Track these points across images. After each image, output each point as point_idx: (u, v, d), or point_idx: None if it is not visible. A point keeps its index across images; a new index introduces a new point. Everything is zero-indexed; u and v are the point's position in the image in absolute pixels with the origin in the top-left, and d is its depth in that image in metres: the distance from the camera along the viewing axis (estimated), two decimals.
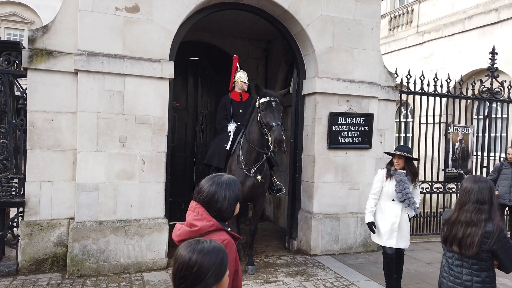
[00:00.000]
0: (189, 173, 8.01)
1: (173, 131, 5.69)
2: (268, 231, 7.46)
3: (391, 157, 4.34)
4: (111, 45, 4.85)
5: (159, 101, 5.07)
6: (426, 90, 7.03)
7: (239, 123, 5.46)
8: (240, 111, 5.50)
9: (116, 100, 4.88)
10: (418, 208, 4.33)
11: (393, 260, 4.23)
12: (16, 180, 4.92)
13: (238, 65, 5.73)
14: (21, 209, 4.92)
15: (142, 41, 4.98)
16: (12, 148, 4.89)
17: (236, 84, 5.69)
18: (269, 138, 4.44)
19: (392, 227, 4.14)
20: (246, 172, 4.82)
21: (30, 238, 4.77)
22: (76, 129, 4.82)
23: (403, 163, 4.17)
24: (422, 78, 6.95)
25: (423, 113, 7.11)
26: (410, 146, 7.25)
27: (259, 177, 4.78)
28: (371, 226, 4.28)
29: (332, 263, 5.45)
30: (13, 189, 4.92)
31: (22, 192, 4.86)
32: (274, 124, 4.37)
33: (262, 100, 4.60)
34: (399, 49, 12.78)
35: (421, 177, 7.17)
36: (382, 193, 4.24)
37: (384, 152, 5.26)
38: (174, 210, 7.47)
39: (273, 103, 4.53)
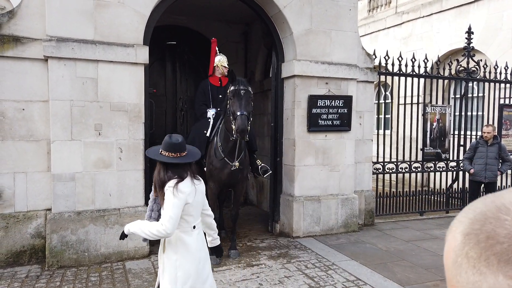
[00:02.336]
0: None
1: (150, 118, 5.58)
2: (251, 215, 7.50)
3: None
4: (82, 30, 4.68)
5: (134, 87, 4.95)
6: (404, 71, 7.08)
7: (218, 109, 5.39)
8: (220, 96, 5.43)
9: (89, 87, 4.74)
10: None
11: None
12: None
13: (217, 49, 5.62)
14: None
15: (114, 25, 4.82)
16: None
17: (217, 68, 5.58)
18: (233, 127, 4.40)
19: None
20: (224, 159, 4.79)
21: (6, 231, 4.66)
22: (49, 118, 4.67)
23: None
24: (400, 59, 6.98)
25: (402, 94, 7.17)
26: (389, 126, 7.33)
27: (236, 164, 4.75)
28: None
29: (314, 245, 5.53)
30: None
31: None
32: (238, 114, 4.32)
33: (231, 88, 4.53)
34: (378, 30, 12.78)
35: (400, 157, 7.32)
36: None
37: None
38: None
39: (241, 91, 4.45)
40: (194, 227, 2.61)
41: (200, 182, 2.68)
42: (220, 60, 5.57)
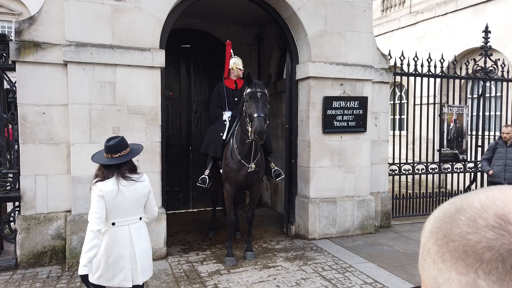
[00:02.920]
0: (185, 162, 8.00)
1: (167, 121, 5.64)
2: (266, 217, 7.50)
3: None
4: (99, 35, 4.76)
5: (151, 90, 5.01)
6: (420, 71, 7.00)
7: (234, 112, 5.41)
8: (236, 99, 5.45)
9: (107, 91, 4.82)
10: None
11: None
12: (10, 175, 4.89)
13: (232, 51, 5.65)
14: (17, 203, 4.90)
15: (131, 30, 4.89)
16: (4, 143, 4.84)
17: (232, 71, 5.61)
18: (250, 129, 4.42)
19: None
20: (240, 161, 4.81)
21: (27, 232, 4.76)
22: (68, 122, 4.77)
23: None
24: (415, 59, 6.91)
25: (417, 94, 7.10)
26: (405, 127, 7.26)
27: (253, 166, 4.77)
28: None
29: (330, 247, 5.51)
30: (8, 184, 4.89)
31: (17, 187, 4.84)
32: (255, 116, 4.35)
33: (248, 90, 4.56)
34: (392, 30, 12.67)
35: (416, 158, 7.23)
36: None
37: None
38: (172, 199, 7.49)
39: (258, 93, 4.46)
40: (113, 223, 2.79)
41: (132, 183, 2.80)
42: (235, 63, 5.60)
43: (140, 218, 2.93)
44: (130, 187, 2.80)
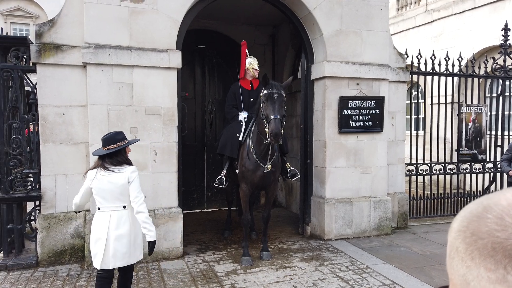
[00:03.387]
0: (200, 162, 8.05)
1: (183, 121, 5.68)
2: (281, 217, 7.49)
3: None
4: (118, 36, 4.83)
5: (167, 91, 5.06)
6: (438, 70, 6.90)
7: (250, 112, 5.42)
8: (252, 99, 5.45)
9: (125, 92, 4.88)
10: None
11: None
12: (31, 175, 4.98)
13: (247, 51, 5.66)
14: (37, 202, 5.00)
15: (149, 31, 4.95)
16: (25, 143, 4.94)
17: (247, 71, 5.61)
18: (267, 130, 4.42)
19: None
20: (256, 161, 4.81)
21: (48, 231, 4.85)
22: (87, 122, 4.85)
23: None
24: (433, 58, 6.82)
25: (435, 93, 7.00)
26: (422, 127, 7.17)
27: (269, 166, 4.76)
28: None
29: (347, 247, 5.47)
30: (29, 183, 4.99)
31: (38, 186, 4.93)
32: (272, 117, 4.34)
33: (264, 91, 4.55)
34: (407, 29, 12.52)
35: (433, 159, 7.13)
36: None
37: None
38: (187, 199, 7.54)
39: (275, 95, 4.45)
40: (98, 208, 3.21)
41: (109, 173, 3.16)
42: (251, 63, 5.60)
43: (124, 207, 3.19)
44: (109, 177, 3.16)
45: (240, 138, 5.13)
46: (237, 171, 5.08)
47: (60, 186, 4.92)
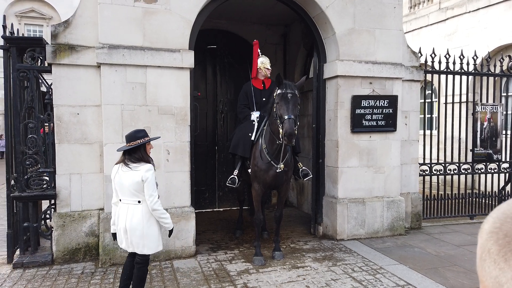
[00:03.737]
0: (211, 161, 8.07)
1: (195, 121, 5.70)
2: (292, 217, 7.48)
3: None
4: (131, 37, 4.86)
5: (180, 91, 5.08)
6: (452, 69, 6.81)
7: (262, 112, 5.41)
8: (264, 99, 5.44)
9: (138, 91, 4.91)
10: None
11: None
12: (47, 174, 5.05)
13: (259, 51, 5.65)
14: (53, 201, 5.07)
15: (162, 31, 4.97)
16: (41, 142, 5.01)
17: (259, 71, 5.60)
18: (280, 131, 4.41)
19: None
20: (269, 161, 4.80)
21: (63, 229, 4.92)
22: (101, 122, 4.90)
23: None
24: (447, 56, 6.73)
25: (449, 92, 6.91)
26: (436, 126, 7.07)
27: (281, 166, 4.75)
28: None
29: (359, 248, 5.43)
30: (44, 182, 5.06)
31: (53, 185, 5.00)
32: (286, 117, 4.32)
33: (278, 91, 4.52)
34: (420, 27, 12.38)
35: (447, 158, 7.04)
36: None
37: None
38: (198, 199, 7.56)
39: (288, 95, 4.42)
40: (120, 200, 3.45)
41: (128, 170, 3.36)
42: (263, 62, 5.59)
43: (139, 202, 3.37)
44: (127, 173, 3.37)
45: (253, 138, 5.13)
46: (249, 170, 5.08)
47: (75, 185, 4.98)
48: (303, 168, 5.31)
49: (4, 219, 5.42)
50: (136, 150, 3.43)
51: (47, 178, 5.06)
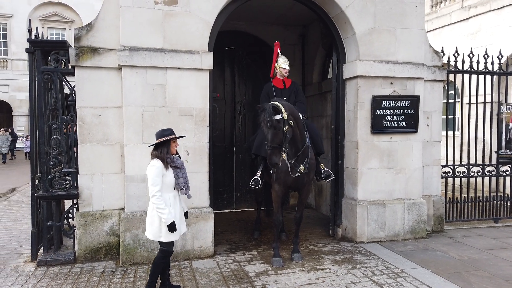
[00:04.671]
0: (229, 162, 8.10)
1: (213, 122, 5.73)
2: (311, 218, 7.42)
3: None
4: (152, 39, 4.92)
5: (199, 92, 5.11)
6: (476, 68, 6.64)
7: None
8: (284, 98, 5.43)
9: (158, 93, 4.97)
10: None
11: None
12: (69, 174, 5.15)
13: (279, 52, 5.65)
14: (75, 200, 5.17)
15: (181, 33, 5.02)
16: (64, 143, 5.12)
17: (276, 70, 5.62)
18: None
19: None
20: (290, 163, 4.78)
21: (85, 228, 5.01)
22: (122, 123, 4.97)
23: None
24: (470, 55, 6.56)
25: (473, 92, 6.73)
26: (459, 127, 6.91)
27: (302, 168, 4.72)
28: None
29: (380, 251, 5.34)
30: (67, 182, 5.16)
31: (75, 185, 5.10)
32: (267, 146, 4.45)
33: (261, 115, 4.55)
34: (442, 26, 12.13)
35: (471, 160, 6.86)
36: None
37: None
38: (216, 199, 7.58)
39: (268, 123, 4.40)
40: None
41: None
42: (278, 62, 5.60)
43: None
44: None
45: None
46: (271, 171, 5.07)
47: (97, 185, 5.06)
48: (325, 169, 5.26)
49: (29, 218, 5.56)
50: (158, 147, 3.75)
51: (70, 178, 5.17)
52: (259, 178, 5.17)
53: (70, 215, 5.40)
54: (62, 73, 5.12)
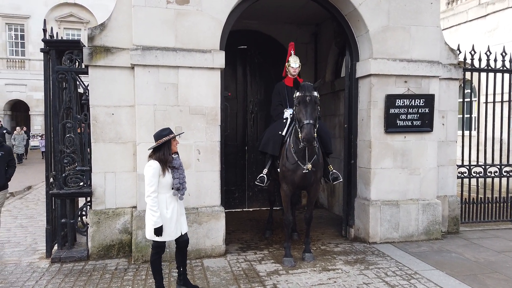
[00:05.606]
0: (241, 161, 8.09)
1: (225, 121, 5.72)
2: (323, 218, 7.36)
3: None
4: (164, 38, 4.94)
5: (211, 91, 5.11)
6: (493, 66, 6.48)
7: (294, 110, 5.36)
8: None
9: (170, 92, 4.99)
10: None
11: None
12: (83, 172, 5.21)
13: (292, 51, 5.62)
14: (88, 198, 5.23)
15: (193, 32, 5.02)
16: (78, 142, 5.19)
17: (288, 69, 5.60)
18: (300, 135, 4.40)
19: None
20: (296, 161, 4.74)
21: (98, 226, 5.06)
22: (135, 122, 5.00)
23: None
24: (488, 53, 6.41)
25: (490, 91, 6.57)
26: (476, 127, 6.76)
27: (309, 166, 4.67)
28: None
29: (393, 252, 5.26)
30: (81, 180, 5.22)
31: (89, 183, 5.16)
32: (305, 122, 4.30)
33: (297, 94, 4.51)
34: (459, 24, 11.89)
35: (488, 160, 6.71)
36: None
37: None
38: (228, 198, 7.59)
39: (307, 98, 4.39)
40: None
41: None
42: (289, 61, 5.57)
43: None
44: None
45: (284, 134, 5.09)
46: (278, 169, 5.04)
47: (109, 183, 5.11)
48: (333, 171, 5.20)
49: (44, 215, 5.65)
50: (159, 148, 3.76)
51: (84, 176, 5.23)
52: (265, 175, 5.15)
53: (83, 213, 5.46)
54: (76, 72, 5.18)
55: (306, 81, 5.76)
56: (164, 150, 3.75)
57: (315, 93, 4.49)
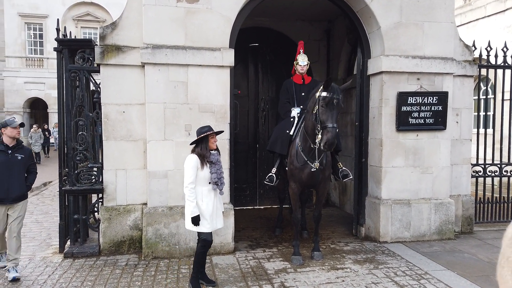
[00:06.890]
0: (252, 159, 8.10)
1: (235, 119, 5.73)
2: (334, 217, 7.32)
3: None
4: (174, 36, 4.98)
5: (220, 89, 5.12)
6: (510, 63, 6.30)
7: (302, 107, 5.34)
8: (303, 94, 5.37)
9: (180, 90, 5.02)
10: None
11: None
12: (95, 169, 5.31)
13: (301, 50, 5.58)
14: (100, 195, 5.32)
15: (203, 30, 5.04)
16: (90, 139, 5.27)
17: (296, 67, 5.56)
18: (318, 136, 4.27)
19: None
20: (304, 160, 4.71)
21: (109, 222, 5.15)
22: (145, 120, 5.06)
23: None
24: (504, 49, 6.24)
25: (506, 88, 6.40)
26: (491, 125, 6.61)
27: (317, 164, 4.62)
28: None
29: (404, 251, 5.20)
30: (93, 177, 5.32)
31: (100, 180, 5.25)
32: (329, 126, 4.17)
33: (324, 94, 4.31)
34: (476, 19, 11.61)
35: (504, 159, 6.54)
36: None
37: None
38: (239, 196, 7.62)
39: (335, 100, 4.24)
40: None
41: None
42: (297, 59, 5.52)
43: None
44: None
45: (291, 133, 5.07)
46: (287, 168, 5.03)
47: (120, 180, 5.19)
48: (343, 168, 5.14)
49: (57, 211, 5.76)
50: (198, 144, 3.95)
51: (96, 173, 5.32)
52: (274, 175, 5.14)
53: (96, 209, 5.56)
54: (88, 71, 5.26)
55: (316, 79, 5.76)
56: (202, 145, 3.93)
57: (341, 96, 4.35)
